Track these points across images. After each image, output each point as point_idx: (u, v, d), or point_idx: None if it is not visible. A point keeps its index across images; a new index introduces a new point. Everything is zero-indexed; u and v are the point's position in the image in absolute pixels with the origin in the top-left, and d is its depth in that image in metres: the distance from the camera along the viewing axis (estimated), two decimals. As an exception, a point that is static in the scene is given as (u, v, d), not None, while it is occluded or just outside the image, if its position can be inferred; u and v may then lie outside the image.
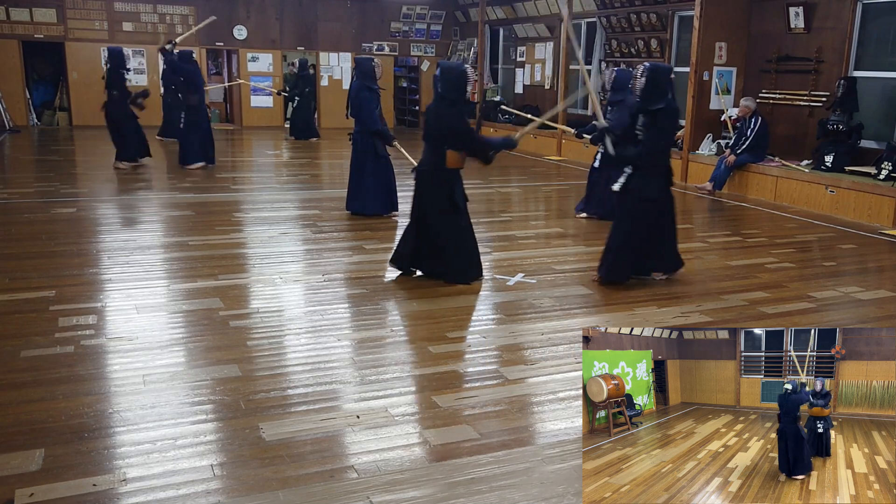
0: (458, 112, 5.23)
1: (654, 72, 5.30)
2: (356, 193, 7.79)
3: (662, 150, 5.47)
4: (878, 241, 7.49)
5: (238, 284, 5.34)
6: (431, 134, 5.29)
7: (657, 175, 5.43)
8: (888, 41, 9.32)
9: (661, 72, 5.36)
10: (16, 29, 15.61)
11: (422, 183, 5.41)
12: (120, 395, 3.49)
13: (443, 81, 5.20)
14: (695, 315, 4.92)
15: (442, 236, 5.38)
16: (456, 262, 5.41)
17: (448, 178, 5.30)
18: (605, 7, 13.49)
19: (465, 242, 5.44)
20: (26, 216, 7.45)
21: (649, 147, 5.34)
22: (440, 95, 5.24)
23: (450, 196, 5.29)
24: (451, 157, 5.26)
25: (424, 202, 5.39)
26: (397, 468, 2.93)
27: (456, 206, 5.33)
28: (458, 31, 18.91)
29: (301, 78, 15.05)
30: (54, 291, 4.99)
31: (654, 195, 5.39)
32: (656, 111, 5.28)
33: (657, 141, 5.35)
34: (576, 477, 2.87)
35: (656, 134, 5.33)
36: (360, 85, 7.56)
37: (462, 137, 5.24)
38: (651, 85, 5.27)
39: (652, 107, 5.28)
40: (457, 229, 5.38)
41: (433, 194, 5.33)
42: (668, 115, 5.35)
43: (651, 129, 5.33)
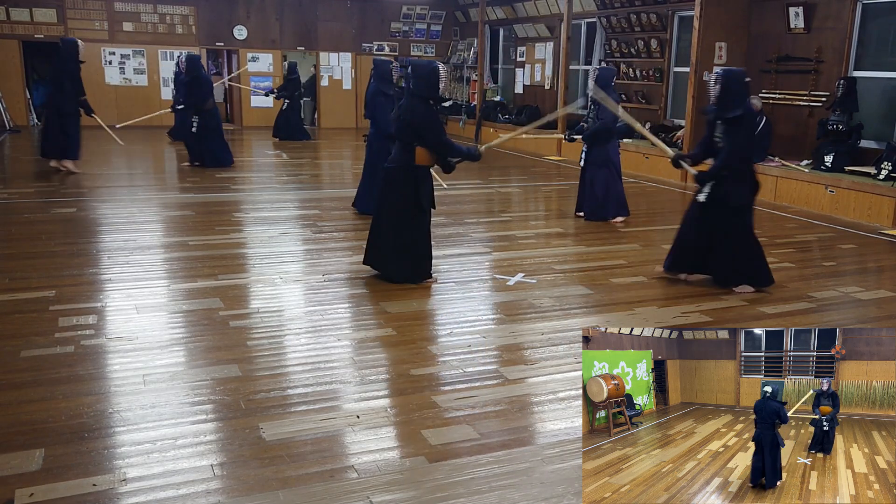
0: (428, 109, 5.19)
1: (727, 78, 5.21)
2: (366, 193, 7.80)
3: (745, 156, 5.36)
4: (878, 241, 7.49)
5: (238, 284, 5.34)
6: (402, 130, 5.24)
7: (742, 181, 5.32)
8: (888, 41, 9.32)
9: (735, 77, 5.26)
10: (16, 29, 15.62)
11: (389, 179, 5.34)
12: (120, 395, 3.49)
13: (414, 79, 5.17)
14: (695, 315, 4.92)
15: (399, 234, 5.29)
16: (409, 261, 5.35)
17: (416, 175, 5.24)
18: (605, 7, 13.49)
19: (420, 243, 5.36)
20: (26, 216, 7.45)
21: (731, 154, 5.24)
22: (411, 93, 5.19)
23: (415, 194, 5.24)
24: (420, 154, 5.21)
25: (389, 199, 5.32)
26: (397, 468, 2.93)
27: (420, 206, 5.27)
28: (458, 31, 18.92)
29: (289, 81, 14.92)
30: (54, 291, 4.99)
31: (742, 201, 5.34)
32: (734, 118, 5.19)
33: (739, 147, 5.25)
34: (576, 477, 2.87)
35: (737, 140, 5.22)
36: (375, 89, 7.56)
37: (429, 135, 5.18)
38: (725, 91, 5.19)
39: (729, 114, 5.19)
40: (415, 229, 5.30)
41: (398, 191, 5.27)
42: (748, 121, 5.27)
43: (731, 136, 5.23)
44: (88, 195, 8.74)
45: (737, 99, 5.20)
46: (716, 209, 5.34)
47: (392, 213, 5.30)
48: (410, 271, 5.38)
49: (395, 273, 5.40)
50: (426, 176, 5.32)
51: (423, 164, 5.26)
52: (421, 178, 5.27)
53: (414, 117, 5.15)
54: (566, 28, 13.34)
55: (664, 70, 12.53)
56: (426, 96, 5.17)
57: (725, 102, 5.21)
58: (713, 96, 5.29)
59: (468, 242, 6.83)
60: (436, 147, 5.24)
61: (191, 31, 16.81)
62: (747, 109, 5.24)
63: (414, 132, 5.18)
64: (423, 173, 5.29)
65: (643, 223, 7.97)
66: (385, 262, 5.43)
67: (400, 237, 5.30)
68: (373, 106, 7.55)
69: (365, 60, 18.31)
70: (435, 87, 5.16)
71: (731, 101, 5.19)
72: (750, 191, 5.38)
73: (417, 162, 5.22)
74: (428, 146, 5.21)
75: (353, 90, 18.38)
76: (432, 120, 5.20)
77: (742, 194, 5.33)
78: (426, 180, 5.31)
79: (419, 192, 5.23)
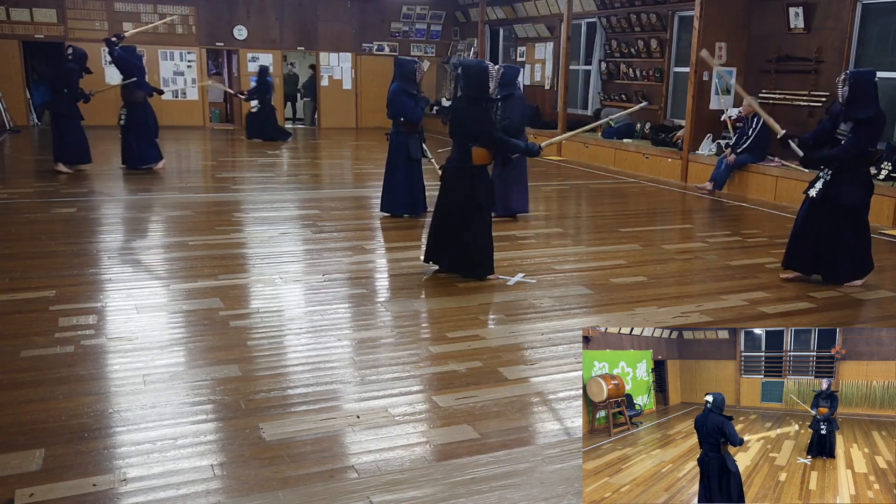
0: (480, 109, 5.26)
1: (856, 79, 5.23)
2: (388, 194, 7.80)
3: (863, 156, 5.38)
4: (878, 241, 7.48)
5: (238, 284, 5.34)
6: (457, 131, 5.36)
7: (855, 182, 5.37)
8: (888, 41, 9.32)
9: (865, 78, 5.27)
10: (16, 29, 15.62)
11: (447, 179, 5.48)
12: (120, 395, 3.49)
13: (464, 79, 5.27)
14: (695, 315, 4.92)
15: (461, 232, 5.42)
16: (473, 257, 5.48)
17: (472, 175, 5.34)
18: (605, 7, 13.49)
19: (481, 239, 5.48)
20: (26, 216, 7.45)
21: (851, 148, 5.27)
22: (463, 93, 5.30)
23: (472, 193, 5.34)
24: (476, 153, 5.30)
25: (448, 198, 5.45)
26: (397, 468, 2.93)
27: (477, 204, 5.37)
28: (458, 31, 18.91)
29: (261, 84, 14.87)
30: (54, 291, 4.99)
31: (854, 202, 5.39)
32: (863, 120, 5.21)
33: (862, 145, 5.27)
34: (576, 477, 2.87)
35: (858, 139, 5.25)
36: (397, 88, 7.51)
37: (484, 135, 5.27)
38: (854, 92, 5.20)
39: (861, 115, 5.21)
40: (476, 226, 5.42)
41: (457, 190, 5.39)
42: (874, 124, 5.27)
43: (854, 134, 5.27)
44: (88, 195, 8.74)
45: (866, 99, 5.21)
46: (829, 209, 5.42)
47: (452, 212, 5.42)
48: (474, 268, 5.50)
49: (459, 269, 5.54)
50: (483, 174, 5.41)
51: (480, 164, 5.35)
52: (477, 177, 5.36)
53: (466, 117, 5.25)
54: (566, 28, 13.34)
55: (664, 70, 12.54)
56: (477, 96, 5.24)
57: (853, 103, 5.23)
58: (842, 97, 5.28)
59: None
60: (491, 145, 5.33)
61: (191, 31, 16.82)
62: (878, 111, 5.25)
63: (468, 132, 5.27)
64: (480, 172, 5.39)
65: (643, 223, 7.97)
66: (449, 259, 5.56)
67: (462, 235, 5.42)
68: (396, 104, 7.50)
69: (365, 60, 18.32)
70: (485, 86, 5.23)
71: (859, 101, 5.21)
72: (863, 191, 5.45)
73: (475, 161, 5.31)
74: (483, 145, 5.29)
75: (353, 90, 18.39)
76: (484, 119, 5.27)
77: (854, 195, 5.39)
78: (483, 178, 5.41)
79: (476, 191, 5.33)
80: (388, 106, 7.67)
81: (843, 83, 5.25)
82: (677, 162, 11.04)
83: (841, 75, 5.34)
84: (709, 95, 10.82)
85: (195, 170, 11.70)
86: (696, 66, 10.57)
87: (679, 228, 8.12)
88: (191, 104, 17.23)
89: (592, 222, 8.17)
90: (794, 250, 5.70)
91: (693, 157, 10.80)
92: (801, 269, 5.71)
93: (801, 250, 5.64)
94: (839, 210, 5.41)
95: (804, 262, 5.66)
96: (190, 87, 17.14)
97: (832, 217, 5.44)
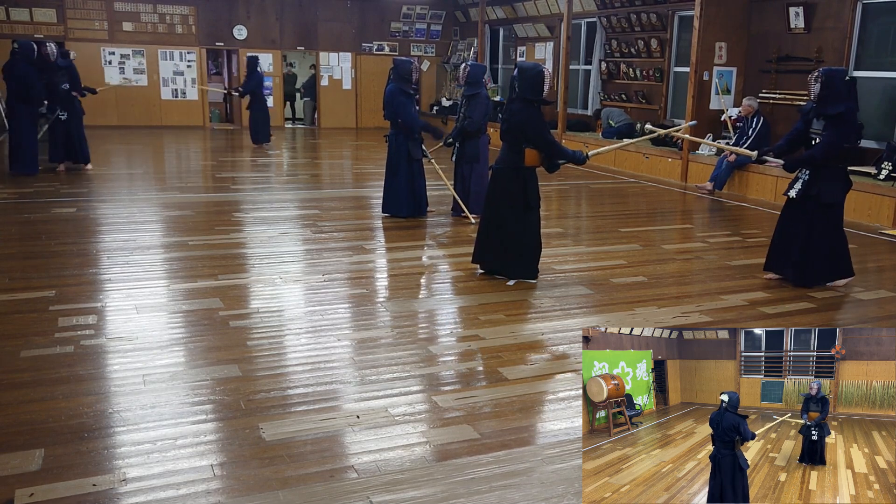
0: (533, 111, 5.30)
1: (829, 76, 5.25)
2: (389, 195, 7.80)
3: (839, 154, 5.39)
4: (878, 241, 7.49)
5: (238, 284, 5.34)
6: (509, 132, 5.37)
7: (835, 179, 5.40)
8: (888, 41, 9.32)
9: (837, 76, 5.30)
10: (16, 29, 15.61)
11: (497, 180, 5.49)
12: (120, 395, 3.49)
13: (520, 81, 5.29)
14: (695, 315, 4.92)
15: (510, 233, 5.44)
16: (521, 258, 5.50)
17: (524, 176, 5.38)
18: (605, 7, 13.50)
19: (532, 240, 5.50)
20: (26, 216, 7.45)
21: (828, 146, 5.29)
22: (518, 95, 5.31)
23: (523, 194, 5.36)
24: (529, 155, 5.33)
25: (498, 199, 5.47)
26: (397, 468, 2.93)
27: (528, 204, 5.40)
28: (458, 31, 18.91)
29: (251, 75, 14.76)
30: (54, 291, 4.99)
31: (834, 199, 5.41)
32: (836, 115, 5.24)
33: (838, 141, 5.29)
34: (576, 477, 2.87)
35: (831, 137, 5.27)
36: (394, 88, 7.53)
37: (536, 137, 5.29)
38: (826, 89, 5.23)
39: (831, 111, 5.24)
40: (527, 226, 5.45)
41: (507, 191, 5.40)
42: (846, 120, 5.29)
43: (828, 132, 5.29)
44: (88, 195, 8.74)
45: (836, 96, 5.24)
46: (807, 207, 5.43)
47: (502, 213, 5.44)
48: (524, 268, 5.51)
49: (508, 270, 5.54)
50: (533, 176, 5.45)
51: (531, 165, 5.39)
52: (528, 179, 5.40)
53: (520, 119, 5.27)
54: (566, 28, 13.34)
55: (664, 70, 12.53)
56: (531, 98, 5.27)
57: (826, 100, 5.26)
58: (813, 94, 5.32)
59: (468, 242, 6.83)
60: (543, 147, 5.35)
61: (191, 31, 16.82)
62: (848, 108, 5.28)
63: (521, 133, 5.30)
64: (531, 174, 5.42)
65: (643, 223, 7.97)
66: (498, 260, 5.56)
67: (511, 236, 5.43)
68: (393, 106, 7.51)
69: (365, 60, 18.32)
70: (540, 89, 5.28)
71: (832, 98, 5.24)
72: (842, 189, 5.47)
73: (527, 163, 5.35)
74: (536, 147, 5.32)
75: (353, 90, 18.38)
76: (538, 121, 5.30)
77: (834, 192, 5.41)
78: (534, 180, 5.45)
79: (527, 192, 5.37)
80: (385, 107, 7.68)
81: (816, 80, 5.29)
82: (677, 162, 11.04)
83: (814, 73, 5.36)
84: (709, 95, 10.82)
85: (195, 170, 11.69)
86: (696, 66, 10.57)
87: (679, 228, 8.12)
88: (191, 104, 17.22)
89: (592, 222, 8.17)
90: (774, 252, 5.71)
91: (693, 158, 10.80)
92: (781, 270, 5.70)
93: (781, 252, 5.65)
94: (817, 208, 5.41)
95: (784, 263, 5.65)
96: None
97: (809, 216, 5.44)
